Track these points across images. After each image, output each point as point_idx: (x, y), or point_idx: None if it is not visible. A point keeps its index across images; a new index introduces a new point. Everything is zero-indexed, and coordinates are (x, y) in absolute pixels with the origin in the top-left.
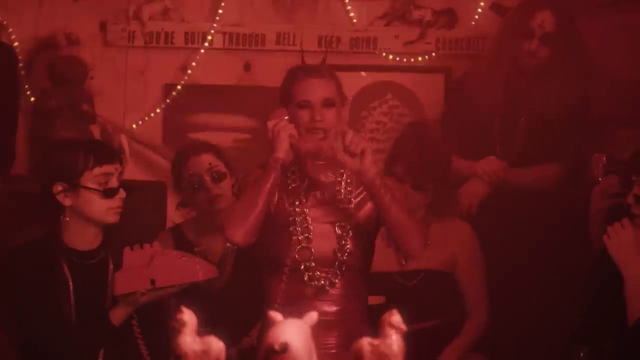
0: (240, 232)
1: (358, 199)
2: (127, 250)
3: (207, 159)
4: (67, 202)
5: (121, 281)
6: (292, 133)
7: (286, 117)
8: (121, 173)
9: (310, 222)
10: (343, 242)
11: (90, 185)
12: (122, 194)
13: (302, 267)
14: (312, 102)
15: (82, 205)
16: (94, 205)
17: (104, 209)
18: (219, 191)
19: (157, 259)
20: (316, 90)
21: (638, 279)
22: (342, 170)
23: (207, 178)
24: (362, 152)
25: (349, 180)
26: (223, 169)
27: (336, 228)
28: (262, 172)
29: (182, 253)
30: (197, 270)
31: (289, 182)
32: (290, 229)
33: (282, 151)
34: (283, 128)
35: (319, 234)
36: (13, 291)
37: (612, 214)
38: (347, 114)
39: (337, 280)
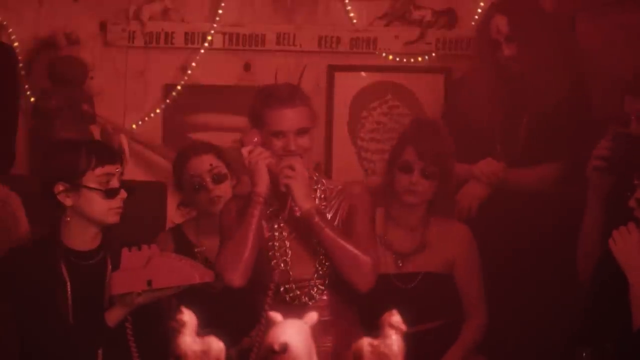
0: (237, 275)
1: (332, 212)
2: (125, 251)
3: (208, 159)
4: (69, 202)
5: (118, 281)
6: (269, 162)
7: (256, 139)
8: (121, 173)
9: (288, 245)
10: (322, 257)
11: (92, 185)
12: (123, 194)
13: (282, 289)
14: (286, 132)
15: (84, 205)
16: (96, 205)
17: (105, 209)
18: (220, 192)
19: (154, 261)
20: (290, 120)
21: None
22: (316, 187)
23: (208, 179)
24: (287, 188)
25: (322, 196)
26: (224, 170)
27: (316, 246)
28: (246, 209)
29: (179, 256)
30: (194, 273)
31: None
32: (270, 253)
33: (263, 185)
34: (260, 157)
35: (298, 255)
36: (12, 291)
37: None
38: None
39: (316, 294)
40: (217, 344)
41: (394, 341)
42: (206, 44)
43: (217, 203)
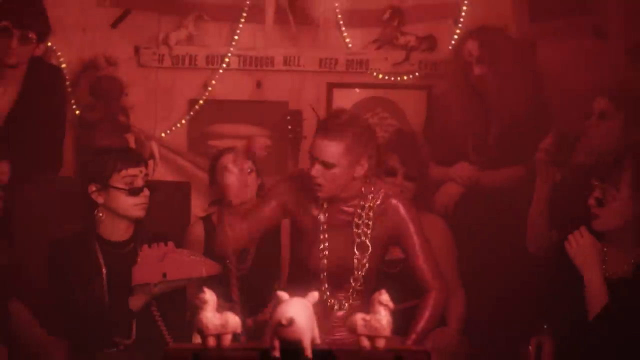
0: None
1: (374, 222)
2: (145, 247)
3: None
4: (100, 200)
5: (137, 274)
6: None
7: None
8: (147, 174)
9: (326, 239)
10: (361, 257)
11: (118, 185)
12: (146, 192)
13: (322, 275)
14: (315, 158)
15: (112, 202)
16: (121, 202)
17: (131, 205)
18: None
19: (169, 256)
20: (320, 150)
21: (596, 280)
22: (363, 203)
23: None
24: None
25: (369, 205)
26: (251, 165)
27: (355, 248)
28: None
29: (191, 252)
30: (202, 267)
31: (321, 209)
32: (321, 246)
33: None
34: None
35: (341, 249)
36: (55, 276)
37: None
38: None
39: (344, 303)
40: (233, 318)
41: (383, 316)
42: (224, 65)
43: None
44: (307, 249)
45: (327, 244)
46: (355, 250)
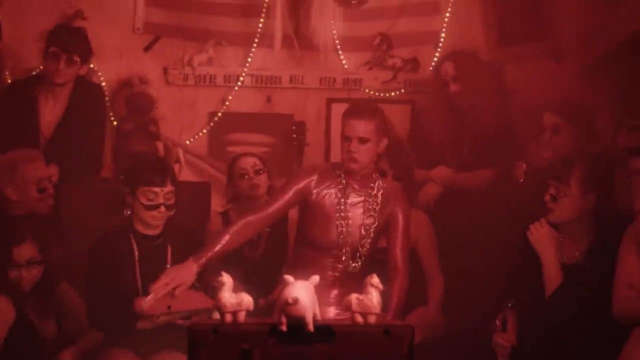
0: None
1: (379, 206)
2: (152, 285)
3: (252, 159)
4: (129, 201)
5: (145, 304)
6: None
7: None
8: (168, 193)
9: (350, 217)
10: (365, 239)
11: (140, 197)
12: (162, 209)
13: (344, 250)
14: (350, 137)
15: (135, 208)
16: (140, 213)
17: (147, 217)
18: (258, 181)
19: (177, 291)
20: (355, 128)
21: (552, 263)
22: (373, 184)
23: (251, 171)
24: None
25: (375, 193)
26: (262, 167)
27: (362, 228)
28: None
29: (194, 289)
30: (206, 299)
31: (340, 185)
32: (337, 222)
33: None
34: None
35: (354, 225)
36: (97, 262)
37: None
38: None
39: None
40: (247, 298)
41: (374, 296)
42: (239, 83)
43: (256, 188)
44: (322, 228)
45: (344, 222)
46: (362, 231)
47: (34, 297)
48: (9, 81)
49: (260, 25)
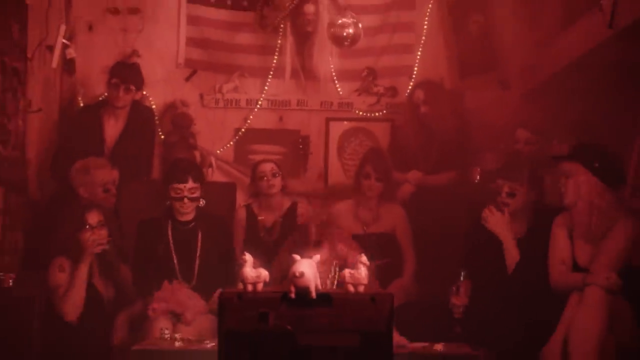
0: None
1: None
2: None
3: (270, 165)
4: (171, 194)
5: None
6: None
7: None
8: (191, 189)
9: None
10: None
11: (170, 191)
12: (186, 201)
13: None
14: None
15: (171, 200)
16: (173, 203)
17: (177, 206)
18: (274, 182)
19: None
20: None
21: (509, 243)
22: None
23: (269, 174)
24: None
25: None
26: (278, 171)
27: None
28: None
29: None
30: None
31: None
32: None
33: None
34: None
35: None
36: (142, 238)
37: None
38: None
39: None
40: (264, 272)
41: (363, 271)
42: (258, 106)
43: (272, 188)
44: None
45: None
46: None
47: (101, 272)
48: (81, 105)
49: (275, 61)
